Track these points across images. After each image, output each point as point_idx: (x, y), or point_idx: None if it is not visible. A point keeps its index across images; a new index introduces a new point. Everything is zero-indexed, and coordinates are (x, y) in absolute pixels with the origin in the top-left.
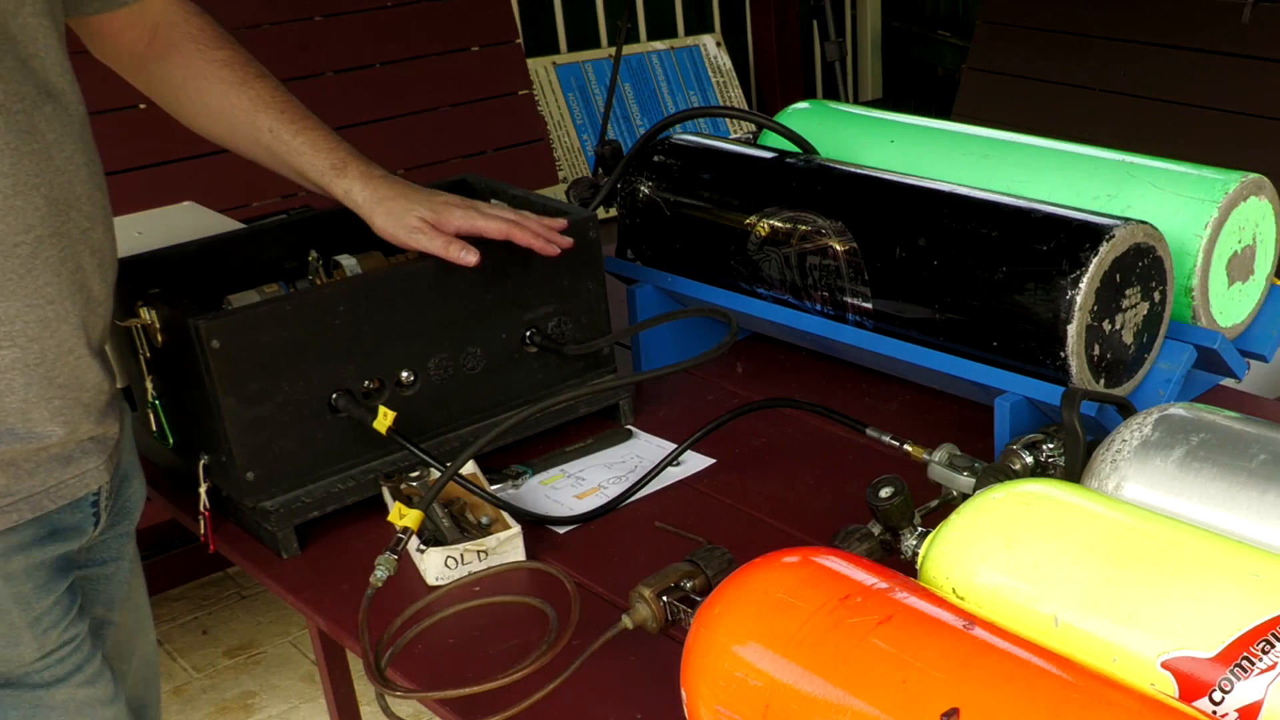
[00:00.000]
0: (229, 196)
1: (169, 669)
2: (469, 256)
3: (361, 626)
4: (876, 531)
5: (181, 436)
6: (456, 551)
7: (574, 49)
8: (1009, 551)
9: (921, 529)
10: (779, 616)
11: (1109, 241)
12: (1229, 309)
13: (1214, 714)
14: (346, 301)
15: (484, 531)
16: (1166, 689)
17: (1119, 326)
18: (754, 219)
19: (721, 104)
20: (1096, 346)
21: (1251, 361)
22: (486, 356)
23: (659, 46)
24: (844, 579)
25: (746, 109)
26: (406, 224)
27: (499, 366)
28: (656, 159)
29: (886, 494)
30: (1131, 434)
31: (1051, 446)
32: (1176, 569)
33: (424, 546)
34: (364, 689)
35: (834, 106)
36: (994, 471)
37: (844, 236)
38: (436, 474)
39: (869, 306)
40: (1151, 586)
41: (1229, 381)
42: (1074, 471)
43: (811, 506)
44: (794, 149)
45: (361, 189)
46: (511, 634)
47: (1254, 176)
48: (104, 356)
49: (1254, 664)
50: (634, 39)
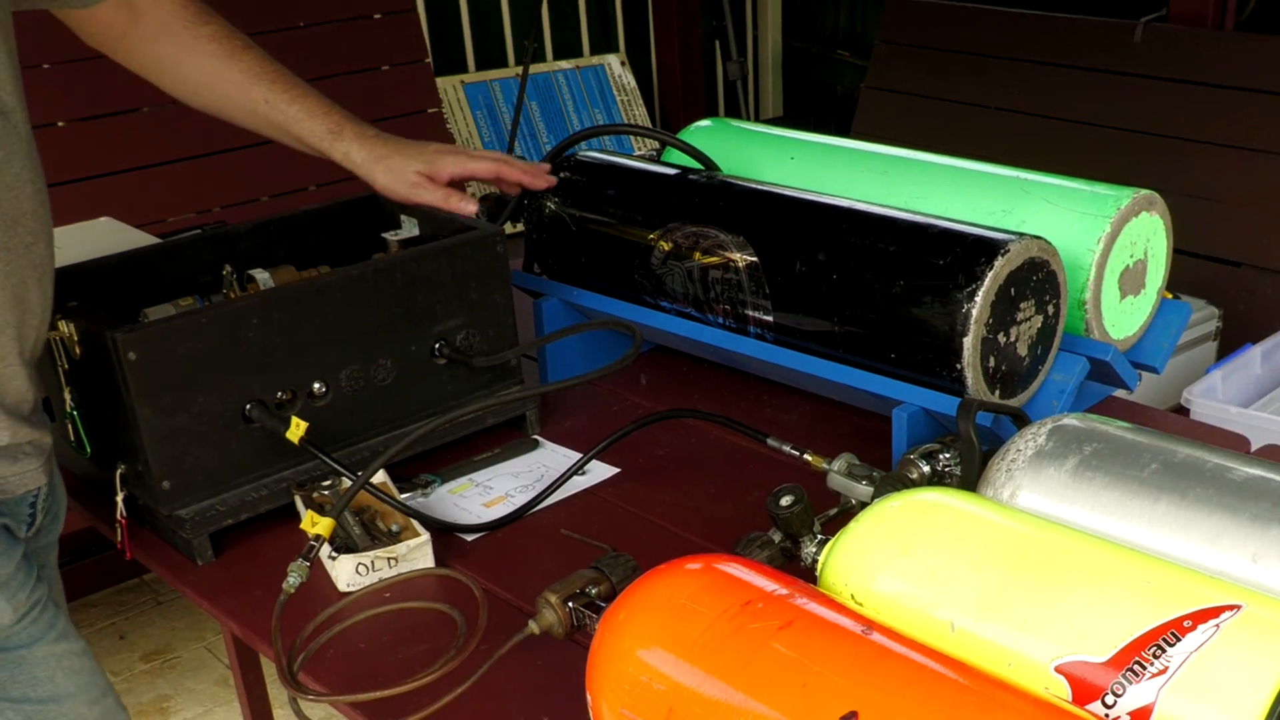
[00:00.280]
0: (145, 212)
1: None
2: (468, 206)
3: (275, 631)
4: (777, 539)
5: (99, 446)
6: (367, 558)
7: (482, 68)
8: (906, 558)
9: (821, 536)
10: (682, 622)
11: (1004, 256)
12: (1121, 322)
13: (1106, 717)
14: (260, 314)
15: (394, 539)
16: (1060, 693)
17: (1014, 339)
18: (657, 234)
19: (626, 122)
20: (992, 358)
21: (1143, 373)
22: (396, 368)
23: (565, 66)
24: (745, 585)
25: (650, 127)
26: (406, 180)
27: (409, 378)
28: (562, 175)
29: (787, 502)
30: (1026, 444)
31: (948, 456)
32: (1070, 576)
33: (335, 554)
34: (277, 692)
35: (736, 124)
36: (892, 480)
37: (745, 251)
38: (348, 483)
39: (770, 319)
40: (1045, 592)
41: (1121, 392)
42: (970, 481)
43: (714, 514)
44: (697, 166)
45: (359, 150)
46: (421, 639)
47: (1145, 192)
48: (34, 369)
49: (1145, 668)
50: (540, 58)
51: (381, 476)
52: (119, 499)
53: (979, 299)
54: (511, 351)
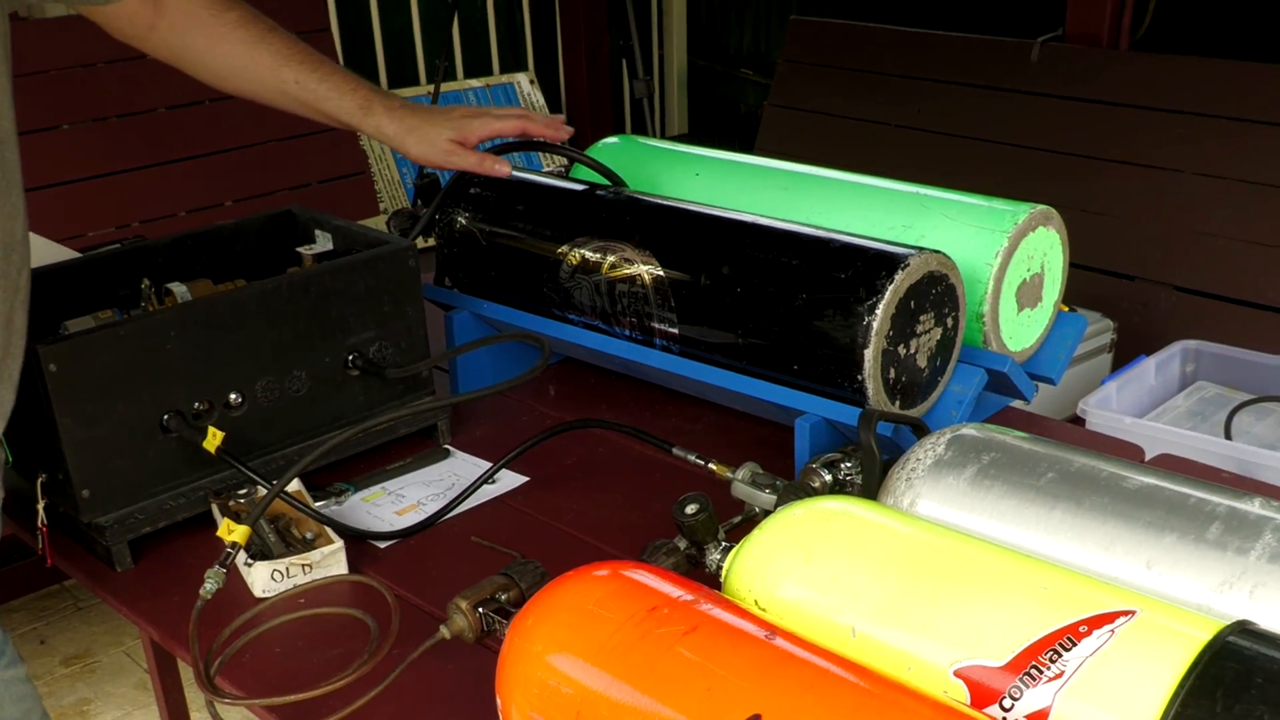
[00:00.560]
0: (65, 227)
1: None
2: (502, 168)
3: (192, 636)
4: (683, 546)
5: (20, 455)
6: (282, 565)
7: (394, 85)
8: (808, 565)
9: (725, 544)
10: (590, 627)
11: (904, 270)
12: (1018, 334)
13: None
14: (177, 327)
15: (308, 546)
16: (959, 696)
17: (913, 351)
18: (566, 248)
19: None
20: (892, 370)
21: (1040, 384)
22: (311, 379)
23: (475, 84)
24: (651, 591)
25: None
26: (440, 148)
27: (323, 389)
28: (472, 191)
29: (692, 510)
30: (925, 453)
31: (849, 465)
32: (968, 582)
33: (251, 560)
34: (194, 696)
35: (642, 141)
36: (794, 489)
37: (651, 265)
38: (263, 491)
39: (675, 332)
40: (944, 598)
41: (1018, 403)
42: (871, 489)
43: (621, 522)
44: (604, 182)
45: (389, 123)
46: (335, 644)
47: (1042, 208)
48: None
49: (1042, 672)
50: (451, 76)
51: (296, 485)
52: (40, 507)
53: (879, 312)
54: (423, 363)
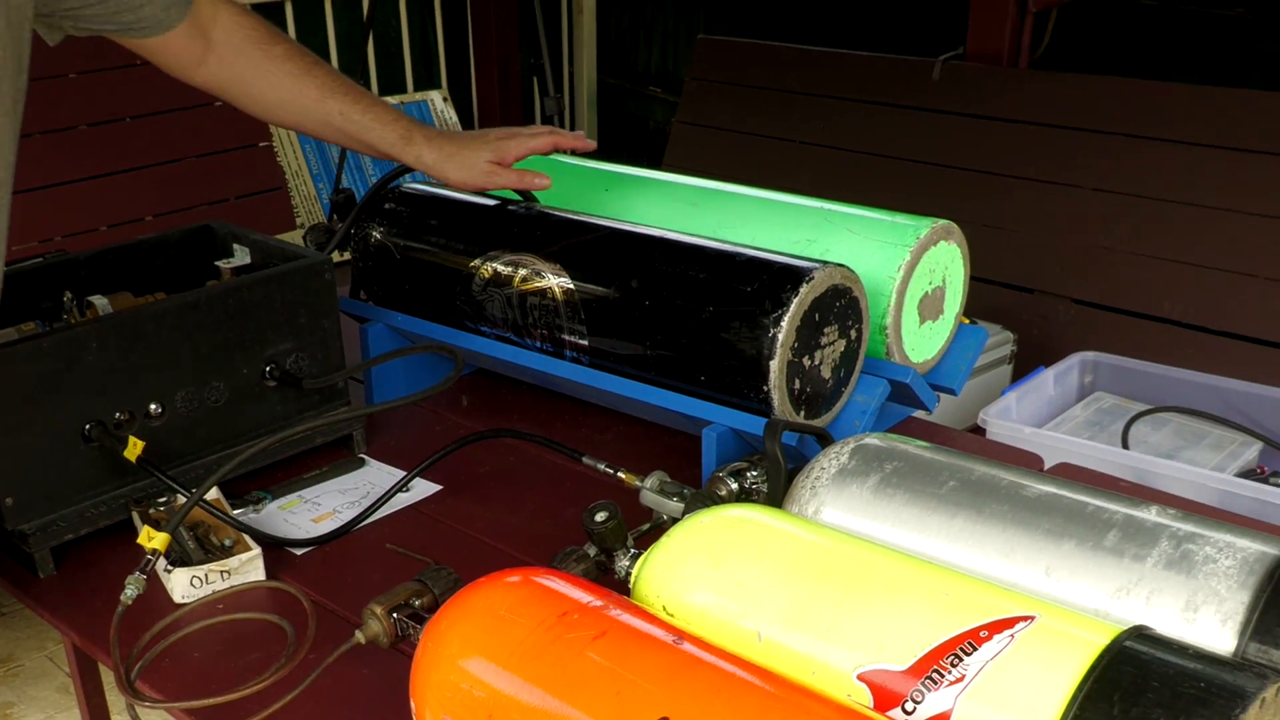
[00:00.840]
0: None
1: None
2: (541, 181)
3: (113, 641)
4: (592, 553)
5: None
6: (201, 571)
7: None
8: (715, 572)
9: (634, 551)
10: (501, 632)
11: (808, 283)
12: (920, 346)
13: None
14: (98, 339)
15: (227, 553)
16: (862, 699)
17: (818, 362)
18: (478, 262)
19: None
20: (797, 381)
21: (941, 394)
22: (229, 390)
23: (390, 101)
24: (562, 597)
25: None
26: (480, 170)
27: (241, 399)
28: (387, 206)
29: (601, 518)
30: (830, 462)
31: (755, 474)
32: (871, 588)
33: (171, 567)
34: (115, 699)
35: (553, 157)
36: (701, 497)
37: (562, 279)
38: (183, 499)
39: (585, 344)
40: (848, 604)
41: (920, 413)
42: (776, 497)
43: (532, 530)
44: (515, 197)
45: (429, 152)
46: (253, 648)
47: (943, 222)
48: None
49: (944, 676)
50: None
51: (215, 493)
52: None
53: (785, 324)
54: (339, 374)
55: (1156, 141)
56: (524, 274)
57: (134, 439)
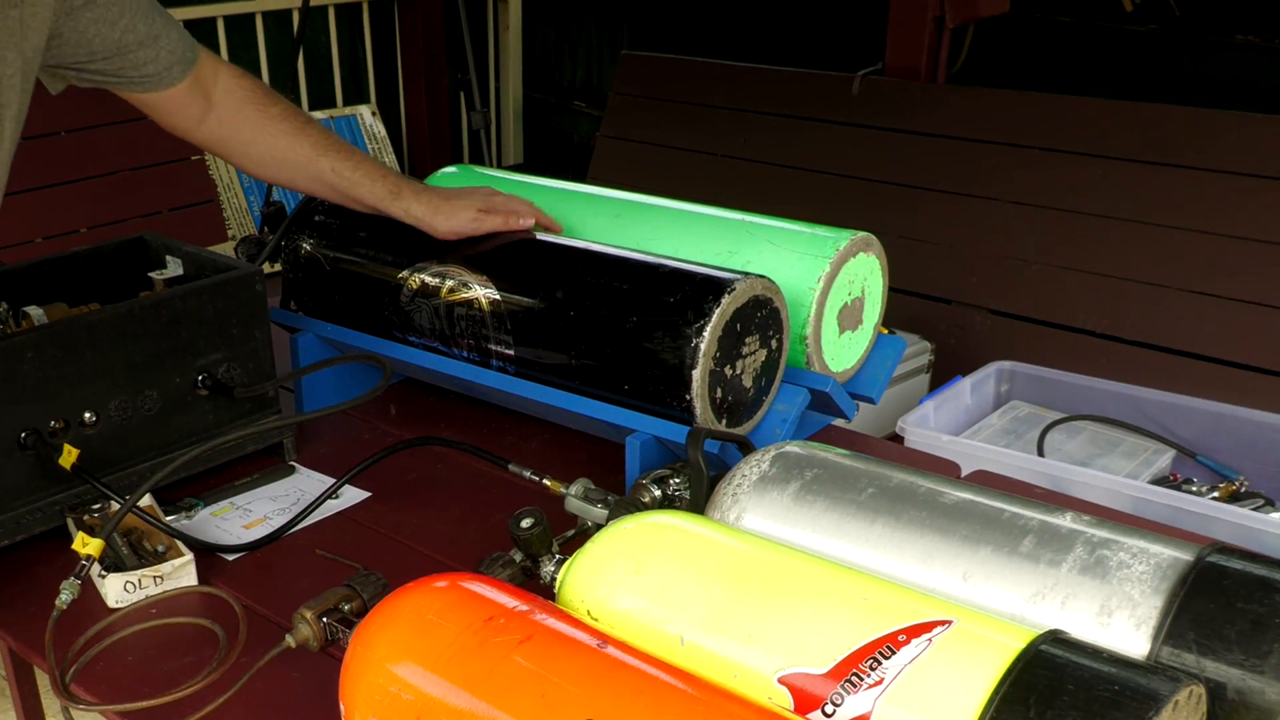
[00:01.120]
0: None
1: None
2: (526, 221)
3: (48, 645)
4: (518, 559)
5: None
6: (134, 577)
7: None
8: (639, 577)
9: (559, 556)
10: (429, 636)
11: (730, 294)
12: (840, 355)
13: None
14: (34, 348)
15: (160, 558)
16: (783, 702)
17: (739, 371)
18: (406, 273)
19: None
20: (719, 389)
21: (861, 403)
22: (162, 399)
23: (319, 115)
24: (488, 602)
25: (400, 173)
26: (466, 218)
27: (174, 408)
28: (317, 218)
29: (527, 524)
30: (751, 469)
31: (678, 481)
32: (792, 593)
33: (105, 572)
34: (50, 702)
35: (480, 170)
36: (625, 504)
37: (489, 289)
38: (117, 506)
39: (511, 353)
40: (769, 609)
41: (840, 422)
42: (699, 504)
43: (459, 535)
44: None
45: (418, 205)
46: (185, 652)
47: (862, 234)
48: None
49: (863, 679)
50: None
51: (148, 500)
52: None
53: (707, 334)
54: (270, 383)
55: (1071, 155)
56: (451, 285)
57: (69, 447)
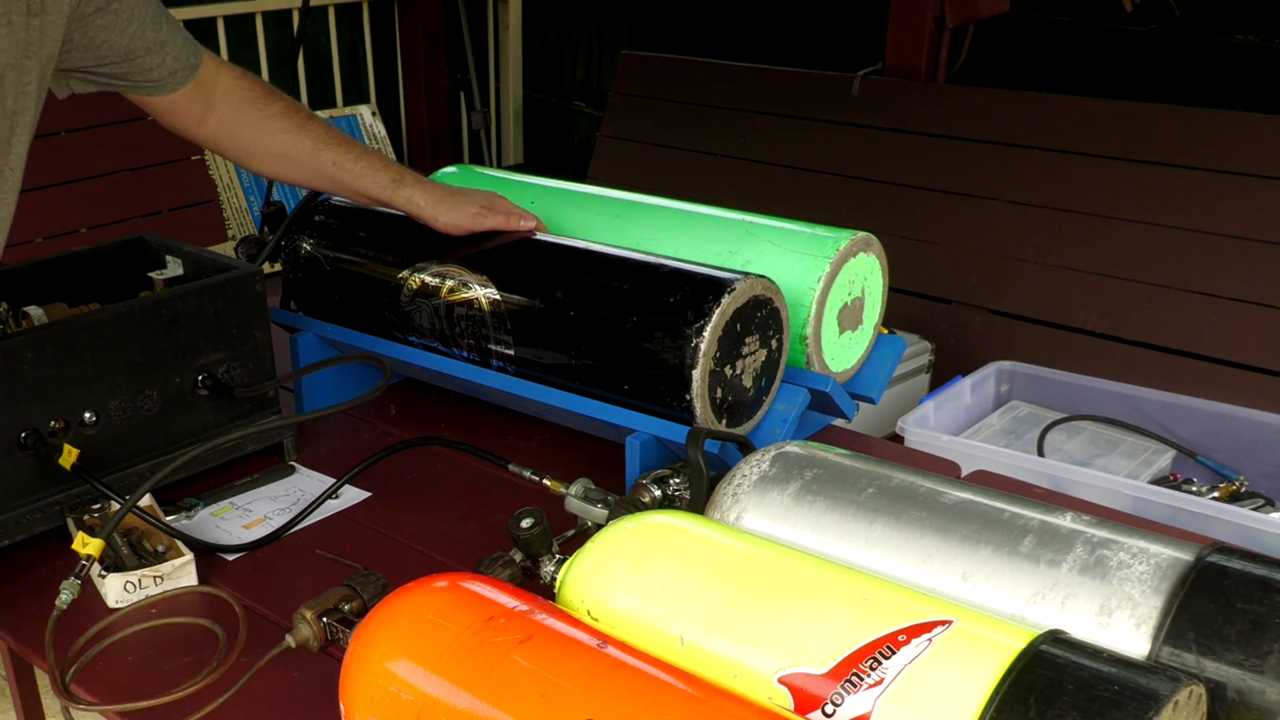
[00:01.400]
0: None
1: None
2: (528, 223)
3: (48, 645)
4: (518, 559)
5: None
6: (134, 577)
7: None
8: (639, 577)
9: (559, 556)
10: (429, 636)
11: (730, 294)
12: (840, 355)
13: None
14: (34, 348)
15: (160, 558)
16: (783, 702)
17: (739, 371)
18: (406, 273)
19: None
20: (719, 389)
21: (861, 403)
22: (162, 399)
23: (320, 115)
24: (488, 602)
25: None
26: (468, 213)
27: (174, 408)
28: (317, 219)
29: (527, 524)
30: (751, 469)
31: (678, 481)
32: (792, 593)
33: (105, 572)
34: (50, 702)
35: (479, 170)
36: (625, 504)
37: (489, 289)
38: (117, 506)
39: (511, 353)
40: (769, 609)
41: (840, 422)
42: (699, 504)
43: (459, 535)
44: None
45: (420, 195)
46: (185, 652)
47: (862, 234)
48: None
49: (863, 679)
50: None
51: (148, 500)
52: None
53: (707, 334)
54: (270, 383)
55: (1071, 155)
56: (451, 285)
57: (69, 447)
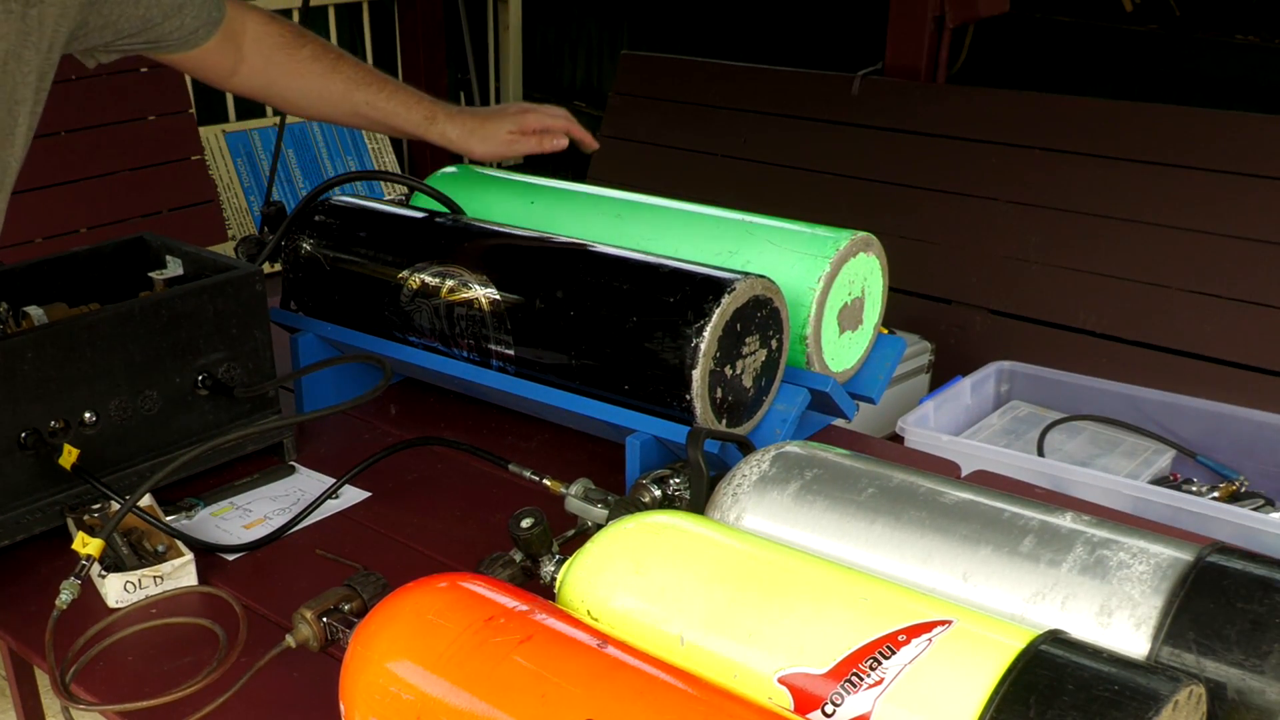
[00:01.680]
0: None
1: None
2: (560, 142)
3: (48, 645)
4: (518, 559)
5: None
6: (134, 577)
7: (242, 118)
8: (639, 577)
9: (559, 556)
10: (429, 636)
11: (730, 294)
12: (840, 355)
13: None
14: (34, 348)
15: (160, 558)
16: (783, 702)
17: (739, 371)
18: (406, 273)
19: (377, 168)
20: (719, 389)
21: (861, 403)
22: (162, 399)
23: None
24: (488, 602)
25: (400, 173)
26: (502, 140)
27: (174, 408)
28: (317, 218)
29: (527, 524)
30: (751, 469)
31: (678, 481)
32: (792, 593)
33: (105, 572)
34: (50, 702)
35: (479, 170)
36: (625, 504)
37: (489, 289)
38: (117, 506)
39: (511, 353)
40: (769, 609)
41: (840, 422)
42: (699, 504)
43: (459, 535)
44: (443, 209)
45: (453, 129)
46: (185, 652)
47: (862, 234)
48: None
49: (863, 679)
50: None
51: (148, 500)
52: None
53: (707, 334)
54: (270, 383)
55: (1071, 155)
56: (451, 285)
57: (69, 447)
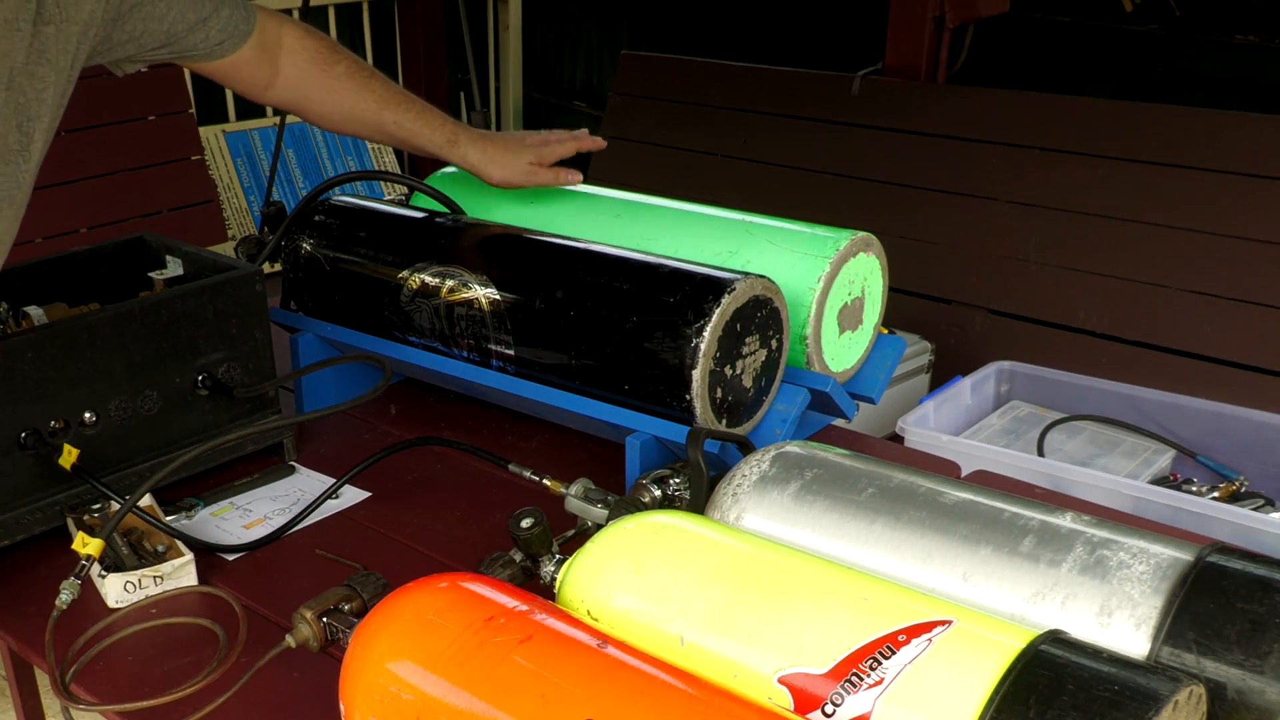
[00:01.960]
0: None
1: None
2: (575, 178)
3: (48, 645)
4: (518, 559)
5: None
6: (134, 577)
7: (242, 118)
8: (639, 577)
9: (559, 556)
10: (429, 636)
11: (730, 294)
12: (840, 355)
13: None
14: (34, 348)
15: (160, 558)
16: (783, 702)
17: (739, 371)
18: (406, 273)
19: (377, 168)
20: (719, 389)
21: (861, 403)
22: (162, 399)
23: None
24: (488, 602)
25: (400, 173)
26: (521, 170)
27: (173, 408)
28: (317, 218)
29: (527, 524)
30: (751, 469)
31: (678, 481)
32: (792, 593)
33: (105, 572)
34: (50, 702)
35: None
36: (625, 504)
37: (489, 289)
38: (117, 506)
39: (511, 353)
40: (769, 609)
41: (840, 422)
42: (699, 504)
43: (459, 535)
44: (443, 209)
45: (474, 152)
46: (185, 652)
47: (862, 234)
48: None
49: (863, 679)
50: None
51: (148, 500)
52: None
53: (707, 334)
54: (270, 383)
55: (1071, 155)
56: (451, 285)
57: (69, 447)
